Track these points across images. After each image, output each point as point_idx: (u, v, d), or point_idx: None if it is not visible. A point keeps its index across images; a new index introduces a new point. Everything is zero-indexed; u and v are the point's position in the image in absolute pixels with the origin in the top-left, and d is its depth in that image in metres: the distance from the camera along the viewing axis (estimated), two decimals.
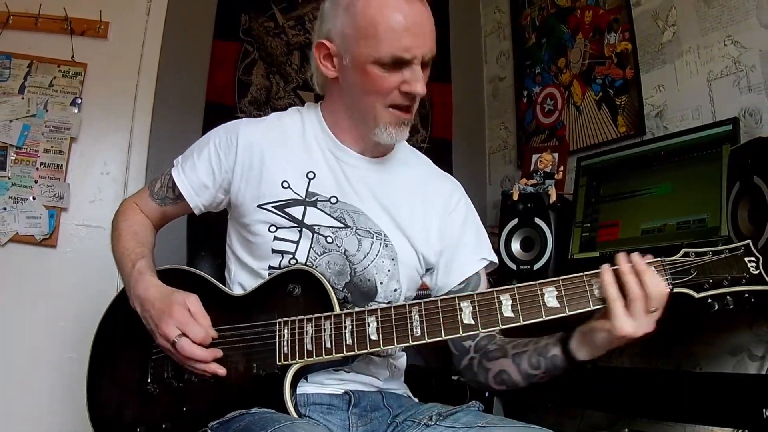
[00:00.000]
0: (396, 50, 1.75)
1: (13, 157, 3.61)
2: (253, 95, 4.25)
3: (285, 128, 2.00)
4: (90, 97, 3.81)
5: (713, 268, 1.48)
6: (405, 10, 1.75)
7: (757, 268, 1.48)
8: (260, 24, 4.35)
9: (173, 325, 1.67)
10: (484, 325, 1.57)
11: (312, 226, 1.86)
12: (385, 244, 1.91)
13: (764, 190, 2.45)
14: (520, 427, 1.64)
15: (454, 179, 2.17)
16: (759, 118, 3.09)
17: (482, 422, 1.67)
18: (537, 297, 1.56)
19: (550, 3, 4.50)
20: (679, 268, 1.51)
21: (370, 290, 1.89)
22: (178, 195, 1.99)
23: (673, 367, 3.18)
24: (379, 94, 1.82)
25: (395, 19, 1.74)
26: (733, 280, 1.47)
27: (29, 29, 3.71)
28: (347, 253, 1.87)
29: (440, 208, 2.04)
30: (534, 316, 1.56)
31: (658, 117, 3.66)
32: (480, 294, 1.60)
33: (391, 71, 1.78)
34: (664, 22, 3.66)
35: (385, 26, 1.74)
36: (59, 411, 3.42)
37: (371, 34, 1.75)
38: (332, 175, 1.93)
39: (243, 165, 1.91)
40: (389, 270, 1.91)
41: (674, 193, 3.14)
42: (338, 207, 1.89)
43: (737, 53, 3.23)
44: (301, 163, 1.93)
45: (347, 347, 1.64)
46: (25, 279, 3.58)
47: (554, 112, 4.38)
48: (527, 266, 3.58)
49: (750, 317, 2.97)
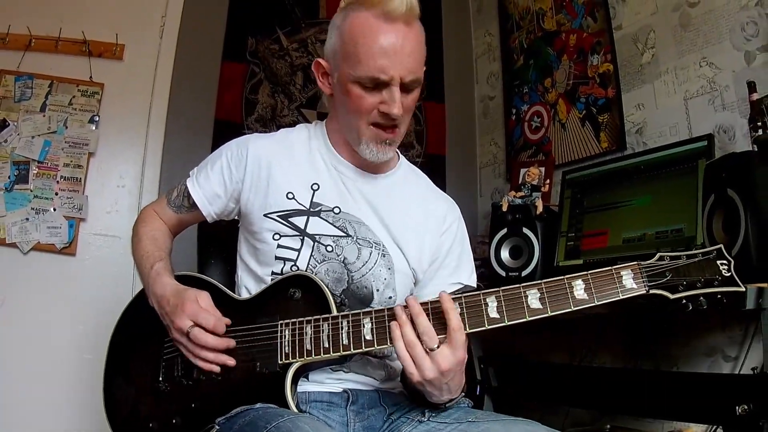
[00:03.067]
0: (373, 71, 1.74)
1: (35, 171, 3.61)
2: (260, 113, 4.25)
3: (292, 143, 2.00)
4: (107, 115, 3.82)
5: (687, 270, 1.48)
6: (385, 31, 1.73)
7: (729, 270, 1.48)
8: (266, 46, 4.36)
9: (186, 317, 1.69)
10: (471, 326, 1.57)
11: (313, 235, 1.86)
12: (383, 254, 1.90)
13: (737, 202, 2.46)
14: (506, 420, 1.64)
15: (451, 200, 2.15)
16: (732, 134, 3.10)
17: (471, 417, 1.67)
18: (521, 299, 1.56)
19: (537, 27, 4.51)
20: (654, 271, 1.50)
21: (367, 297, 1.88)
22: (192, 204, 2.00)
23: (652, 367, 3.18)
24: (360, 112, 1.81)
25: (374, 40, 1.73)
26: (706, 281, 1.47)
27: (50, 51, 3.72)
28: (346, 261, 1.86)
29: (434, 228, 2.03)
30: (518, 317, 1.55)
31: (638, 133, 3.66)
32: (467, 296, 1.59)
33: (371, 92, 1.77)
34: (644, 45, 3.67)
35: (365, 47, 1.73)
36: (78, 406, 3.43)
37: (352, 53, 1.75)
38: (335, 187, 1.93)
39: (252, 176, 1.92)
40: (386, 279, 1.90)
41: (653, 204, 3.15)
42: (341, 217, 1.89)
43: (712, 74, 3.24)
44: (306, 176, 1.93)
45: (344, 347, 1.64)
46: (46, 285, 3.58)
47: (541, 129, 4.39)
48: (515, 273, 3.58)
49: (723, 321, 2.97)
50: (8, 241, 3.52)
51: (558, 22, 4.33)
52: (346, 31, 1.78)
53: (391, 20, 1.73)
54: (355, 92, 1.78)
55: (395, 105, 1.77)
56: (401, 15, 1.73)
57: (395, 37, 1.73)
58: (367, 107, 1.80)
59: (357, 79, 1.76)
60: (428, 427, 1.71)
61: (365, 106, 1.79)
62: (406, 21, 1.74)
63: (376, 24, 1.73)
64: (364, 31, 1.74)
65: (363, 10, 1.75)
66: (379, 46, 1.72)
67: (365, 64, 1.73)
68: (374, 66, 1.73)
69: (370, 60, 1.73)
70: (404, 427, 1.74)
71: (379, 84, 1.76)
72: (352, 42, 1.75)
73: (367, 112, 1.81)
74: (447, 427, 1.68)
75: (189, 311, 1.70)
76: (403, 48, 1.74)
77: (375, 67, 1.73)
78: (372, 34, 1.73)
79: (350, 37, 1.76)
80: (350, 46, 1.76)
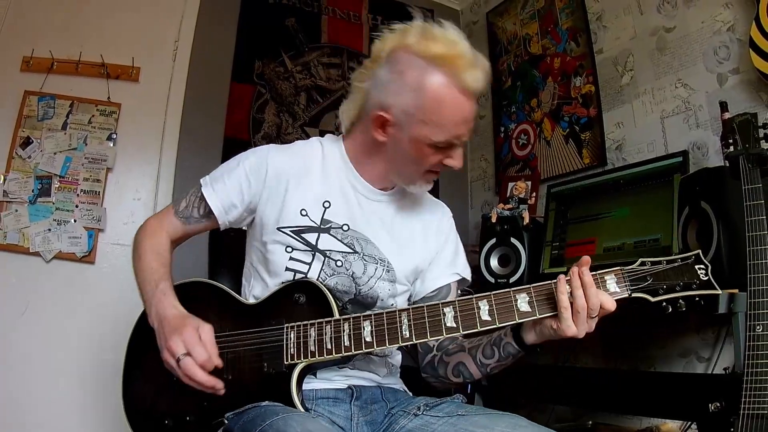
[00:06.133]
0: (452, 138, 1.77)
1: (57, 185, 3.62)
2: (266, 131, 4.26)
3: (307, 157, 1.97)
4: (124, 133, 3.83)
5: (667, 275, 1.50)
6: (465, 107, 1.75)
7: (707, 274, 1.51)
8: (272, 69, 4.38)
9: (181, 344, 1.64)
10: (464, 328, 1.59)
11: (324, 251, 1.85)
12: (387, 270, 1.91)
13: (710, 213, 2.47)
14: (493, 414, 1.67)
15: (442, 203, 2.19)
16: (706, 151, 3.12)
17: (462, 411, 1.70)
18: (511, 302, 1.58)
19: (524, 51, 4.54)
20: (636, 275, 1.53)
21: (371, 305, 1.89)
22: (204, 213, 1.96)
23: (630, 367, 3.19)
24: (423, 165, 1.84)
25: (459, 114, 1.75)
26: (685, 285, 1.49)
27: (71, 74, 3.74)
28: (354, 275, 1.87)
29: (434, 230, 2.06)
30: (508, 319, 1.58)
31: (617, 150, 3.68)
32: (461, 300, 1.61)
33: (440, 151, 1.81)
34: (623, 68, 3.69)
35: (450, 119, 1.74)
36: (99, 404, 3.43)
37: (435, 121, 1.74)
38: (346, 204, 1.92)
39: (270, 190, 1.89)
40: (389, 290, 1.92)
41: (632, 216, 3.16)
42: (349, 234, 1.89)
43: (687, 94, 3.27)
44: (319, 193, 1.91)
45: (345, 348, 1.65)
46: (67, 291, 3.59)
47: (527, 146, 4.40)
48: (504, 280, 3.58)
49: (697, 324, 2.99)
50: (32, 250, 3.52)
51: (543, 47, 4.36)
52: (428, 97, 1.73)
53: (470, 94, 1.76)
54: (426, 150, 1.80)
55: (460, 161, 1.85)
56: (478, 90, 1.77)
57: (471, 111, 1.78)
58: (433, 162, 1.84)
59: (434, 143, 1.78)
60: (423, 420, 1.73)
61: (432, 161, 1.83)
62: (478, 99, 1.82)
63: (461, 99, 1.74)
64: (449, 104, 1.74)
65: (442, 75, 1.73)
66: (463, 119, 1.76)
67: (447, 132, 1.76)
68: (455, 134, 1.77)
69: (452, 128, 1.76)
70: (401, 420, 1.76)
71: (450, 145, 1.81)
72: (435, 111, 1.73)
73: (431, 165, 1.85)
74: (439, 420, 1.70)
75: (186, 338, 1.65)
76: (472, 120, 1.80)
77: (455, 135, 1.77)
78: (458, 108, 1.74)
79: (433, 105, 1.73)
80: (433, 114, 1.74)
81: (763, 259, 2.06)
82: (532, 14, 4.51)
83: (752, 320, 2.05)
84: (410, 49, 1.76)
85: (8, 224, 3.50)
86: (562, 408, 3.44)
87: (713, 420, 2.15)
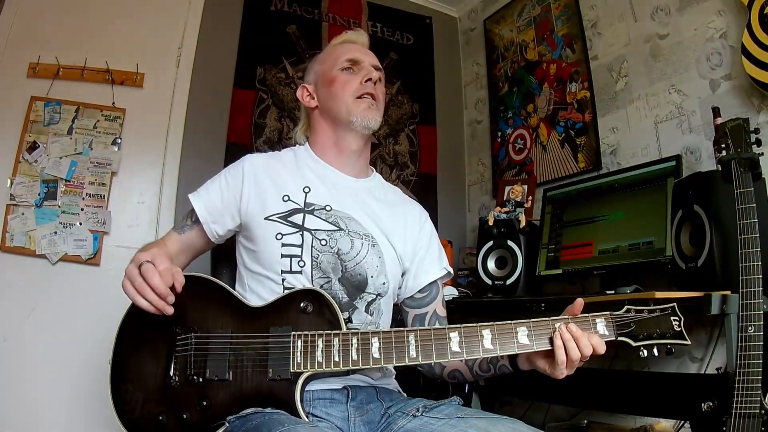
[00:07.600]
0: (349, 56, 2.08)
1: (63, 189, 3.62)
2: (267, 136, 4.26)
3: (282, 159, 2.10)
4: (128, 138, 3.82)
5: (647, 323, 1.61)
6: (347, 43, 2.15)
7: (680, 326, 1.60)
8: (273, 75, 4.38)
9: (148, 254, 1.70)
10: (468, 353, 1.63)
11: (311, 230, 1.89)
12: (372, 244, 1.95)
13: (703, 216, 2.47)
14: (492, 417, 1.67)
15: (420, 205, 2.27)
16: (699, 155, 3.12)
17: (461, 414, 1.70)
18: (511, 334, 1.63)
19: (521, 57, 4.54)
20: (622, 321, 1.64)
21: (362, 283, 1.92)
22: (194, 220, 2.02)
23: (624, 367, 3.18)
24: (346, 90, 2.04)
25: (345, 46, 2.14)
26: (661, 334, 1.60)
27: (76, 79, 3.73)
28: (340, 252, 1.90)
29: (412, 224, 2.12)
30: (508, 349, 1.63)
31: (612, 154, 3.68)
32: (466, 327, 1.64)
33: (352, 74, 2.07)
34: (618, 74, 3.69)
35: (339, 49, 2.13)
36: (105, 404, 3.38)
37: (328, 57, 2.13)
38: (325, 188, 1.99)
39: (250, 185, 1.96)
40: (377, 266, 1.95)
41: (626, 219, 3.16)
42: (332, 214, 1.94)
43: (680, 100, 3.27)
44: (298, 181, 1.99)
45: (353, 362, 1.65)
46: (73, 292, 3.58)
47: (524, 150, 4.40)
48: (501, 282, 3.59)
49: (691, 325, 2.97)
50: (38, 253, 3.51)
51: (539, 53, 4.36)
52: (324, 53, 2.19)
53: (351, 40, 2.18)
54: (340, 77, 2.06)
55: (371, 71, 2.08)
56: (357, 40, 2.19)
57: (358, 38, 2.19)
58: (355, 87, 2.05)
59: (339, 69, 2.07)
60: (421, 421, 1.72)
61: (354, 85, 2.05)
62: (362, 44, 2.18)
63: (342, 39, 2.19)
64: (335, 44, 2.18)
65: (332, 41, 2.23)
66: (348, 49, 2.12)
67: (342, 55, 2.09)
68: (347, 57, 2.09)
69: (345, 53, 2.10)
70: (400, 420, 1.76)
71: (355, 63, 2.08)
72: (327, 52, 2.17)
73: (352, 88, 2.04)
74: (438, 422, 1.69)
75: (152, 253, 1.71)
76: (365, 46, 2.18)
77: (348, 58, 2.09)
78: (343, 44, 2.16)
79: (326, 52, 2.18)
80: (328, 55, 2.14)
81: (754, 262, 2.06)
82: (528, 21, 4.52)
83: (744, 321, 2.05)
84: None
85: (15, 227, 3.49)
86: (557, 407, 3.44)
87: (706, 419, 2.15)
